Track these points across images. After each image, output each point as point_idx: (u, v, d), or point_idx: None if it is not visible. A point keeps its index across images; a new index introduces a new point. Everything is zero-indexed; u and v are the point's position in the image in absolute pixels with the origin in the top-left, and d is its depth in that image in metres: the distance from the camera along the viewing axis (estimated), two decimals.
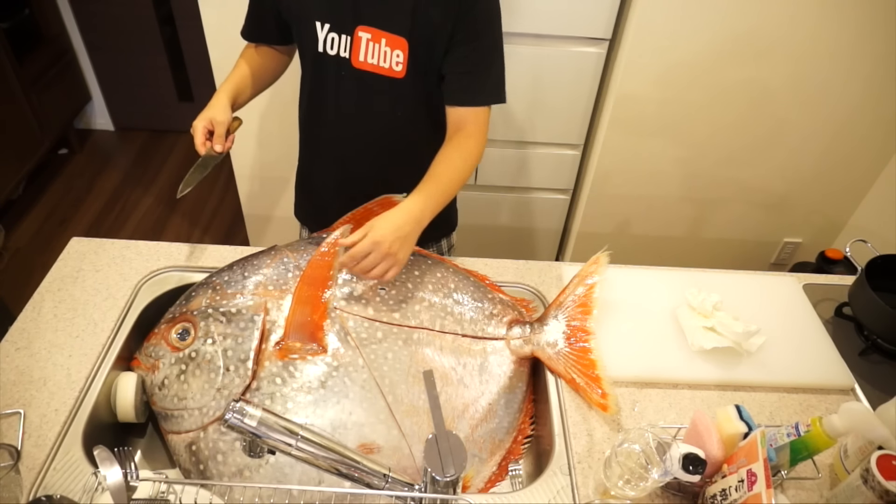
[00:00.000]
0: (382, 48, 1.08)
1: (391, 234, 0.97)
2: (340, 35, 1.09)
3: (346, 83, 1.14)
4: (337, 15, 1.08)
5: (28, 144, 2.66)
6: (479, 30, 1.08)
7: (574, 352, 1.06)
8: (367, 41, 1.08)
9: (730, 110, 1.94)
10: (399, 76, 1.11)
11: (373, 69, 1.11)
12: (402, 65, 1.09)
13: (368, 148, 1.23)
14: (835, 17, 1.75)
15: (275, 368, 0.97)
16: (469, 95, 1.12)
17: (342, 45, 1.10)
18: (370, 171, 1.25)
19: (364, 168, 1.26)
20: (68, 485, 0.87)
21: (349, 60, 1.11)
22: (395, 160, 1.24)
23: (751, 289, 1.24)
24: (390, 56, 1.09)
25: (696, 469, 0.81)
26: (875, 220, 2.16)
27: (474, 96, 1.12)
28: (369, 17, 1.06)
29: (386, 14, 1.06)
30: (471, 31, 1.07)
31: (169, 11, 2.78)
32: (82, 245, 1.23)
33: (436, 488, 0.78)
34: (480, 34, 1.09)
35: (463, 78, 1.11)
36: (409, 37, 1.07)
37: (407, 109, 1.17)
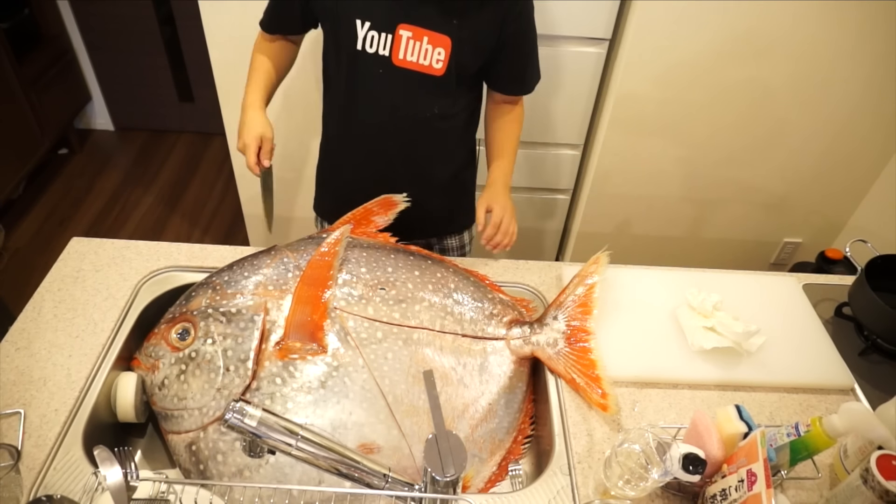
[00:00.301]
0: (424, 46, 1.10)
1: (503, 198, 1.22)
2: (381, 33, 1.10)
3: (384, 80, 1.15)
4: (378, 13, 1.09)
5: (28, 144, 2.66)
6: (525, 26, 1.16)
7: (574, 352, 1.06)
8: (408, 39, 1.10)
9: (730, 110, 1.94)
10: (438, 73, 1.13)
11: (412, 66, 1.13)
12: (443, 62, 1.12)
13: (402, 144, 1.25)
14: (835, 18, 1.75)
15: (275, 368, 0.97)
16: (520, 86, 1.25)
17: (382, 43, 1.11)
18: (403, 165, 1.27)
19: (397, 163, 1.27)
20: (68, 485, 0.87)
21: (389, 58, 1.12)
22: (429, 155, 1.28)
23: (751, 289, 1.24)
24: (431, 53, 1.11)
25: (696, 469, 0.81)
26: (875, 220, 2.16)
27: (524, 85, 1.26)
28: (412, 15, 1.08)
29: (430, 13, 1.08)
30: (519, 28, 1.14)
31: (169, 11, 2.78)
32: (82, 245, 1.23)
33: (436, 488, 0.78)
34: (526, 29, 1.17)
35: (514, 71, 1.22)
36: (454, 36, 1.09)
37: (443, 106, 1.20)
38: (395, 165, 1.27)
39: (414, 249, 1.17)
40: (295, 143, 2.04)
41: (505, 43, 1.15)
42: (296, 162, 2.09)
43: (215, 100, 1.94)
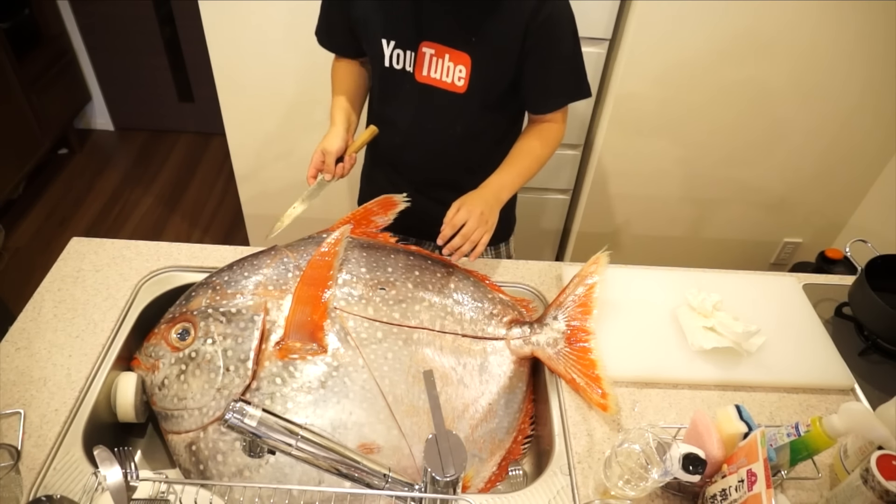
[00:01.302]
0: (445, 63, 1.10)
1: (482, 203, 1.09)
2: (405, 51, 1.12)
3: (409, 96, 1.17)
4: (401, 31, 1.11)
5: (28, 144, 2.66)
6: (554, 35, 1.09)
7: (574, 352, 1.06)
8: (431, 56, 1.11)
9: (730, 110, 1.94)
10: (460, 91, 1.13)
11: (435, 83, 1.13)
12: (464, 80, 1.11)
13: (428, 158, 1.26)
14: (835, 17, 1.75)
15: (275, 368, 0.97)
16: (551, 101, 1.18)
17: (407, 60, 1.13)
18: (430, 180, 1.29)
19: (424, 176, 1.29)
20: (68, 485, 0.87)
21: (413, 74, 1.14)
22: (454, 171, 1.26)
23: (751, 289, 1.24)
24: (453, 71, 1.11)
25: (696, 469, 0.81)
26: (875, 220, 2.16)
27: (556, 100, 1.18)
28: (433, 33, 1.09)
29: (449, 30, 1.08)
30: (544, 39, 1.08)
31: (169, 11, 2.78)
32: (82, 245, 1.23)
33: (436, 488, 0.78)
34: (555, 39, 1.10)
35: (542, 86, 1.15)
36: (473, 53, 1.09)
37: (466, 124, 1.19)
38: (422, 179, 1.29)
39: (414, 249, 1.17)
40: (295, 144, 2.04)
41: (527, 55, 1.10)
42: (296, 162, 2.09)
43: (215, 100, 1.94)
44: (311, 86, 1.90)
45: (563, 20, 1.10)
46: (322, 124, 2.03)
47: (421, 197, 1.21)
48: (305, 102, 1.94)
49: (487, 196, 1.11)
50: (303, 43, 1.81)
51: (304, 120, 1.99)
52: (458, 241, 1.06)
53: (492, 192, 1.12)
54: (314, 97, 1.93)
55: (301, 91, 1.91)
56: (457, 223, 1.06)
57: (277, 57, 1.84)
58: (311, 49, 1.83)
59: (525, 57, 1.10)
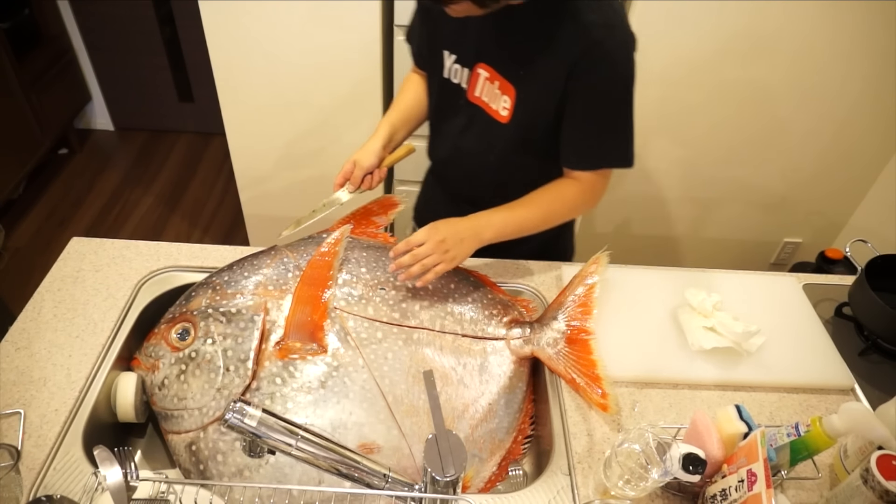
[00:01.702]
0: (495, 89, 1.08)
1: (449, 232, 1.03)
2: (462, 67, 1.11)
3: (459, 112, 1.16)
4: (462, 48, 1.10)
5: (28, 144, 2.66)
6: (596, 86, 1.00)
7: (574, 352, 1.06)
8: (485, 79, 1.09)
9: (730, 110, 1.94)
10: (503, 121, 1.09)
11: (483, 106, 1.12)
12: (508, 111, 1.08)
13: (464, 177, 1.26)
14: (835, 17, 1.75)
15: (275, 368, 0.97)
16: (574, 158, 1.09)
17: (463, 77, 1.12)
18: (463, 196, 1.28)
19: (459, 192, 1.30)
20: (68, 485, 0.87)
21: (465, 91, 1.13)
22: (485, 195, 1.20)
23: (751, 289, 1.24)
24: (499, 99, 1.08)
25: (696, 469, 0.81)
26: (875, 220, 2.16)
27: (583, 160, 1.08)
28: (489, 57, 1.07)
29: (502, 58, 1.05)
30: (586, 87, 1.00)
31: (169, 11, 2.78)
32: (82, 245, 1.23)
33: (436, 488, 0.78)
34: (597, 91, 1.01)
35: (571, 138, 1.07)
36: (518, 86, 1.05)
37: (501, 155, 1.15)
38: (459, 194, 1.29)
39: None
40: (294, 144, 2.04)
41: (567, 100, 1.02)
42: (296, 162, 2.09)
43: (215, 100, 1.94)
44: (311, 86, 1.90)
45: (613, 73, 0.99)
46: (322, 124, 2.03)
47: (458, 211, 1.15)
48: (305, 102, 1.94)
49: (462, 228, 1.05)
50: (303, 43, 1.81)
51: (304, 120, 1.99)
52: (406, 258, 1.02)
53: (471, 225, 1.06)
54: (314, 97, 1.93)
55: (301, 91, 1.91)
56: (412, 242, 1.02)
57: (277, 57, 1.84)
58: (311, 49, 1.83)
59: (565, 101, 1.02)
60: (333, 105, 1.94)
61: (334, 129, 2.00)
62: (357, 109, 1.95)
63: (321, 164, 2.08)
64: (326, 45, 1.81)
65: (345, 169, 1.18)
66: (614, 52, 0.97)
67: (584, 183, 1.11)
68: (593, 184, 1.11)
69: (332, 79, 1.88)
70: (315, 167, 2.09)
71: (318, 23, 1.76)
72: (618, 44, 0.97)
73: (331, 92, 1.91)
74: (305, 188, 2.14)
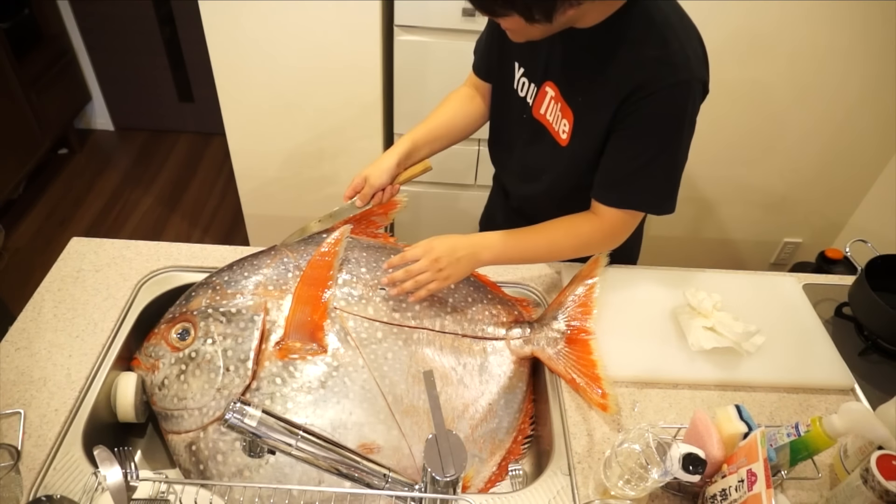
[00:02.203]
0: (557, 111, 1.05)
1: (445, 250, 1.01)
2: (531, 83, 1.09)
3: (524, 126, 1.14)
4: (531, 63, 1.07)
5: (28, 144, 2.66)
6: (644, 127, 0.95)
7: (574, 352, 1.06)
8: (551, 98, 1.05)
9: (729, 110, 1.94)
10: (563, 143, 1.06)
11: (547, 124, 1.09)
12: (567, 134, 1.05)
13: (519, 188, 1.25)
14: (834, 17, 1.75)
15: (275, 368, 0.97)
16: (604, 192, 1.03)
17: (530, 92, 1.09)
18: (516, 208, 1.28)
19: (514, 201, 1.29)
20: (68, 485, 0.87)
21: (531, 107, 1.10)
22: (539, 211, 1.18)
23: (751, 289, 1.24)
24: (561, 121, 1.05)
25: (696, 469, 0.81)
26: (875, 220, 2.16)
27: (610, 195, 1.03)
28: (556, 77, 1.03)
29: (565, 81, 1.02)
30: (632, 126, 0.96)
31: (169, 11, 2.78)
32: (82, 245, 1.23)
33: (436, 488, 0.78)
34: (643, 133, 0.96)
35: (607, 170, 1.02)
36: (576, 112, 1.02)
37: (555, 178, 1.12)
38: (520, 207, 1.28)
39: None
40: (294, 144, 2.04)
41: (613, 135, 0.98)
42: (296, 162, 2.09)
43: (215, 100, 1.94)
44: (311, 86, 1.90)
45: (663, 113, 0.94)
46: (322, 124, 2.03)
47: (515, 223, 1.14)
48: (305, 102, 1.94)
49: (460, 246, 1.03)
50: (303, 43, 1.81)
51: (304, 120, 1.99)
52: (400, 274, 1.01)
53: (469, 244, 1.04)
54: (314, 97, 1.93)
55: (301, 91, 1.91)
56: (408, 257, 1.02)
57: (277, 57, 1.84)
58: (311, 49, 1.83)
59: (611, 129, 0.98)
60: (333, 105, 1.94)
61: (334, 129, 2.00)
62: (357, 109, 1.95)
63: (321, 164, 2.08)
64: (327, 46, 1.81)
65: (354, 183, 1.14)
66: (670, 92, 0.92)
67: (605, 220, 1.04)
68: (615, 223, 1.04)
69: (333, 79, 1.88)
70: (315, 167, 2.09)
71: (318, 23, 1.76)
72: (676, 84, 0.92)
73: (331, 92, 1.91)
74: (305, 188, 2.14)
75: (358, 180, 1.14)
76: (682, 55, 0.92)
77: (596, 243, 1.09)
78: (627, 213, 1.04)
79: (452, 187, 2.11)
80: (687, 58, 0.92)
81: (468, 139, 1.29)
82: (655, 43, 0.91)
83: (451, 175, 2.08)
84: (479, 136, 1.33)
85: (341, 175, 2.10)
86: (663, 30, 0.91)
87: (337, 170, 2.09)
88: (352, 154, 2.05)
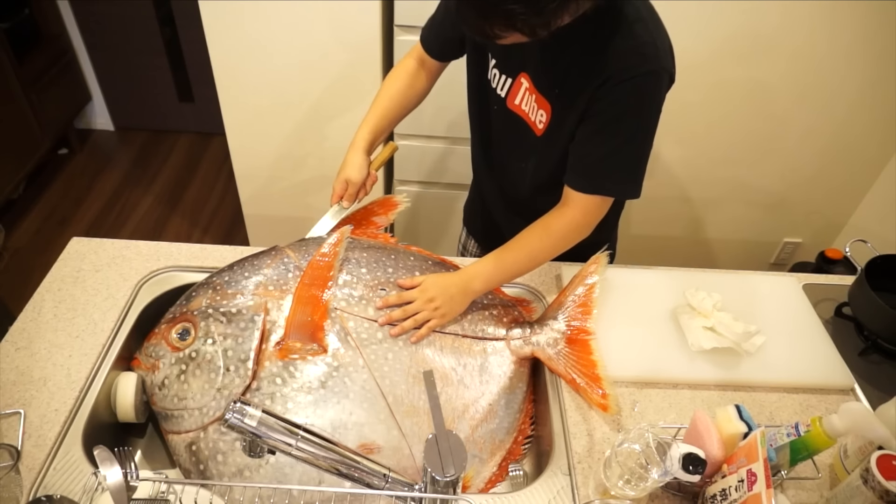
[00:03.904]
0: (532, 102, 1.07)
1: (438, 289, 1.05)
2: (503, 74, 1.09)
3: (497, 116, 1.15)
4: (504, 55, 1.08)
5: (28, 144, 2.66)
6: (616, 114, 0.98)
7: (574, 352, 1.06)
8: (525, 90, 1.07)
9: (729, 109, 1.94)
10: (538, 133, 1.08)
11: (522, 115, 1.10)
12: (544, 124, 1.06)
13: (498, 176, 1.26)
14: (834, 16, 1.75)
15: (275, 368, 0.97)
16: (576, 177, 1.04)
17: (502, 83, 1.10)
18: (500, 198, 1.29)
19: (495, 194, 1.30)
20: (68, 485, 0.87)
21: (505, 99, 1.11)
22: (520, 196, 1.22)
23: (751, 289, 1.24)
24: (536, 112, 1.07)
25: (696, 469, 0.81)
26: (875, 220, 2.16)
27: (582, 181, 1.04)
28: (531, 69, 1.05)
29: (541, 73, 1.03)
30: (603, 113, 0.98)
31: (169, 11, 2.78)
32: (82, 245, 1.23)
33: (436, 488, 0.78)
34: (615, 120, 0.98)
35: (578, 157, 1.04)
36: (553, 104, 1.03)
37: (538, 166, 1.14)
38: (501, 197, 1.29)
39: (414, 250, 1.17)
40: (295, 144, 2.04)
41: (584, 121, 1.00)
42: (296, 162, 2.09)
43: (215, 100, 1.94)
44: (311, 86, 1.90)
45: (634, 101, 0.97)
46: (322, 124, 2.03)
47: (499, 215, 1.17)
48: (305, 102, 1.94)
49: (451, 284, 1.06)
50: (303, 43, 1.81)
51: (304, 120, 1.99)
52: (397, 313, 1.04)
53: (459, 280, 1.07)
54: (314, 97, 1.93)
55: (301, 91, 1.91)
56: (404, 297, 1.05)
57: (277, 57, 1.84)
58: (311, 49, 1.83)
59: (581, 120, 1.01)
60: (333, 105, 1.94)
61: (335, 129, 2.00)
62: (357, 109, 1.95)
63: (321, 164, 2.08)
64: (326, 45, 1.81)
65: (337, 190, 1.18)
66: (640, 81, 0.95)
67: (576, 208, 1.06)
68: (586, 209, 1.06)
69: (333, 79, 1.88)
70: (315, 167, 2.09)
71: (318, 23, 1.76)
72: (646, 73, 0.94)
73: (331, 92, 1.91)
74: (305, 188, 2.14)
75: (339, 186, 1.17)
76: (651, 46, 0.95)
77: (572, 235, 1.10)
78: (598, 198, 1.05)
79: (452, 187, 2.10)
80: (656, 48, 0.95)
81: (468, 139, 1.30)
82: (627, 35, 0.94)
83: (450, 175, 2.08)
84: None
85: None
86: (634, 24, 0.94)
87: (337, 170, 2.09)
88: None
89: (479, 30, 0.84)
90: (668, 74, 0.97)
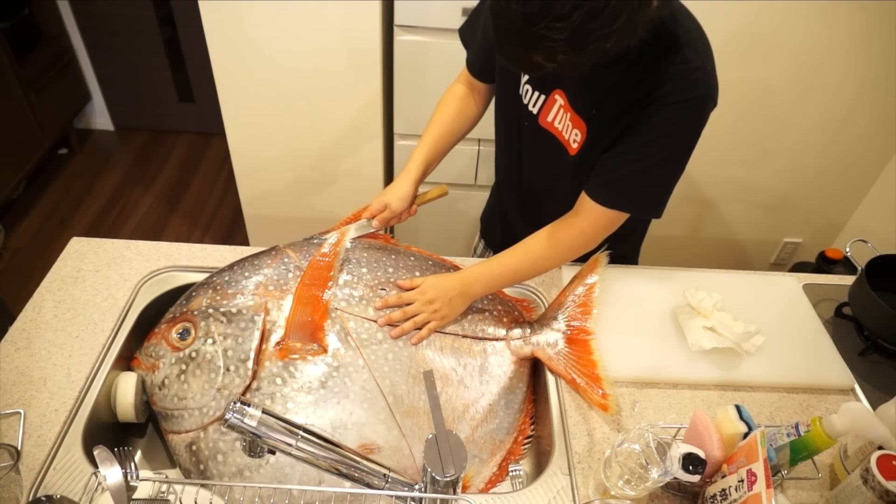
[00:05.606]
0: (567, 120, 1.03)
1: (438, 291, 1.05)
2: (535, 91, 1.05)
3: (529, 133, 1.11)
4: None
5: (28, 144, 2.66)
6: (653, 133, 0.95)
7: (574, 352, 1.06)
8: (560, 107, 1.03)
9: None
10: (572, 152, 1.05)
11: (554, 132, 1.07)
12: (579, 144, 1.03)
13: (525, 193, 1.24)
14: (834, 16, 1.75)
15: (275, 368, 0.97)
16: (597, 187, 1.02)
17: (534, 100, 1.06)
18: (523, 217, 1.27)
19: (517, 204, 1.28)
20: (68, 485, 0.87)
21: (537, 116, 1.07)
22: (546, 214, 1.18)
23: (751, 289, 1.24)
24: (571, 131, 1.03)
25: (696, 469, 0.81)
26: (875, 220, 2.16)
27: (603, 192, 1.01)
28: (567, 86, 1.01)
29: (577, 91, 1.00)
30: (641, 131, 0.95)
31: (169, 11, 2.78)
32: (82, 245, 1.23)
33: (436, 488, 0.78)
34: (650, 140, 0.96)
35: (606, 168, 1.01)
36: (590, 124, 1.00)
37: (568, 188, 1.11)
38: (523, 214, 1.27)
39: (415, 250, 1.17)
40: (295, 143, 2.04)
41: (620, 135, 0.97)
42: (296, 162, 2.09)
43: (215, 100, 1.94)
44: (311, 86, 1.90)
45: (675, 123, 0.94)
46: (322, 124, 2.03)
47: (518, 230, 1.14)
48: (305, 102, 1.94)
49: (451, 286, 1.06)
50: (303, 43, 1.81)
51: (304, 120, 1.99)
52: (397, 314, 1.04)
53: (459, 282, 1.06)
54: (314, 97, 1.93)
55: (301, 91, 1.91)
56: (403, 298, 1.05)
57: (277, 57, 1.84)
58: (311, 49, 1.83)
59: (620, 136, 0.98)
60: (334, 105, 1.94)
61: (334, 129, 2.00)
62: (357, 109, 1.95)
63: (321, 164, 2.08)
64: (326, 45, 1.81)
65: (373, 208, 1.15)
66: (687, 106, 0.93)
67: (588, 219, 1.04)
68: (599, 221, 1.04)
69: (333, 79, 1.88)
70: (315, 167, 2.09)
71: (318, 23, 1.76)
72: (694, 98, 0.92)
73: (331, 92, 1.91)
74: (305, 188, 2.14)
75: (377, 206, 1.15)
76: (702, 72, 0.92)
77: (578, 246, 1.08)
78: (613, 213, 1.03)
79: (452, 187, 2.09)
80: (706, 73, 0.93)
81: (467, 139, 1.29)
82: (678, 59, 0.91)
83: (450, 175, 2.08)
84: (479, 137, 1.33)
85: (341, 175, 2.10)
86: (685, 47, 0.92)
87: (337, 170, 2.09)
88: (352, 154, 2.05)
89: (516, 63, 0.82)
90: (713, 101, 0.95)
